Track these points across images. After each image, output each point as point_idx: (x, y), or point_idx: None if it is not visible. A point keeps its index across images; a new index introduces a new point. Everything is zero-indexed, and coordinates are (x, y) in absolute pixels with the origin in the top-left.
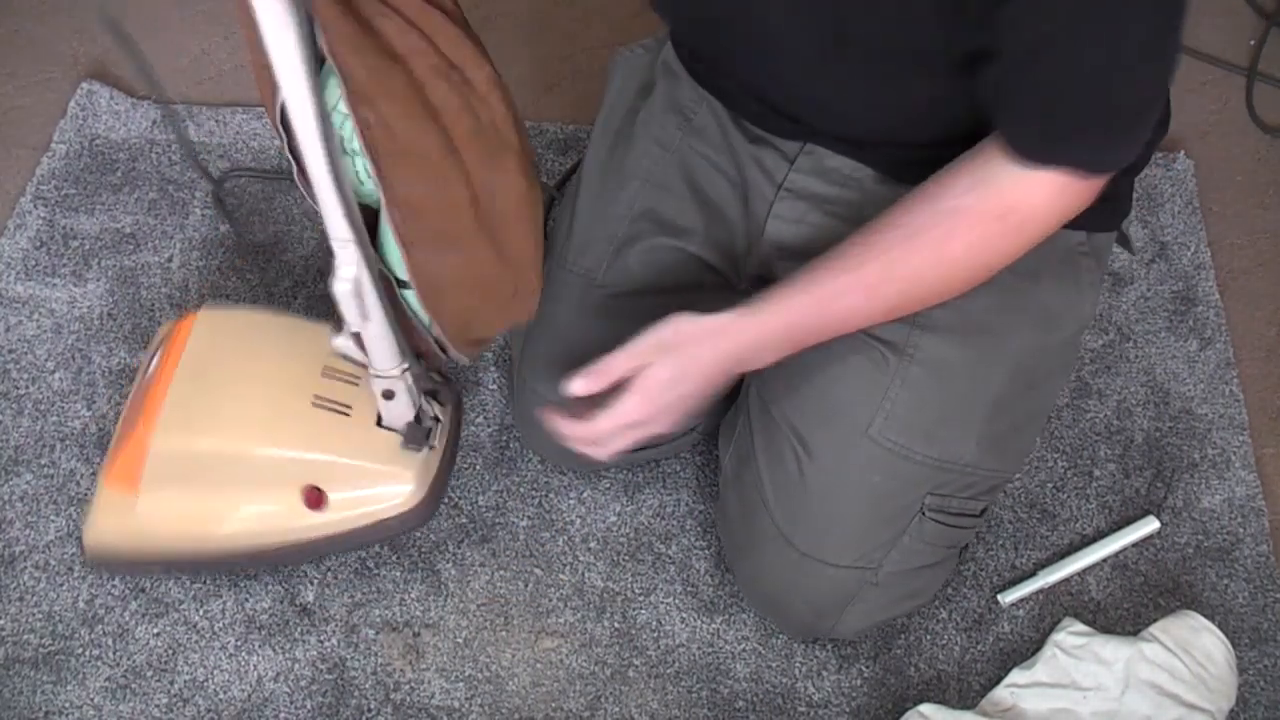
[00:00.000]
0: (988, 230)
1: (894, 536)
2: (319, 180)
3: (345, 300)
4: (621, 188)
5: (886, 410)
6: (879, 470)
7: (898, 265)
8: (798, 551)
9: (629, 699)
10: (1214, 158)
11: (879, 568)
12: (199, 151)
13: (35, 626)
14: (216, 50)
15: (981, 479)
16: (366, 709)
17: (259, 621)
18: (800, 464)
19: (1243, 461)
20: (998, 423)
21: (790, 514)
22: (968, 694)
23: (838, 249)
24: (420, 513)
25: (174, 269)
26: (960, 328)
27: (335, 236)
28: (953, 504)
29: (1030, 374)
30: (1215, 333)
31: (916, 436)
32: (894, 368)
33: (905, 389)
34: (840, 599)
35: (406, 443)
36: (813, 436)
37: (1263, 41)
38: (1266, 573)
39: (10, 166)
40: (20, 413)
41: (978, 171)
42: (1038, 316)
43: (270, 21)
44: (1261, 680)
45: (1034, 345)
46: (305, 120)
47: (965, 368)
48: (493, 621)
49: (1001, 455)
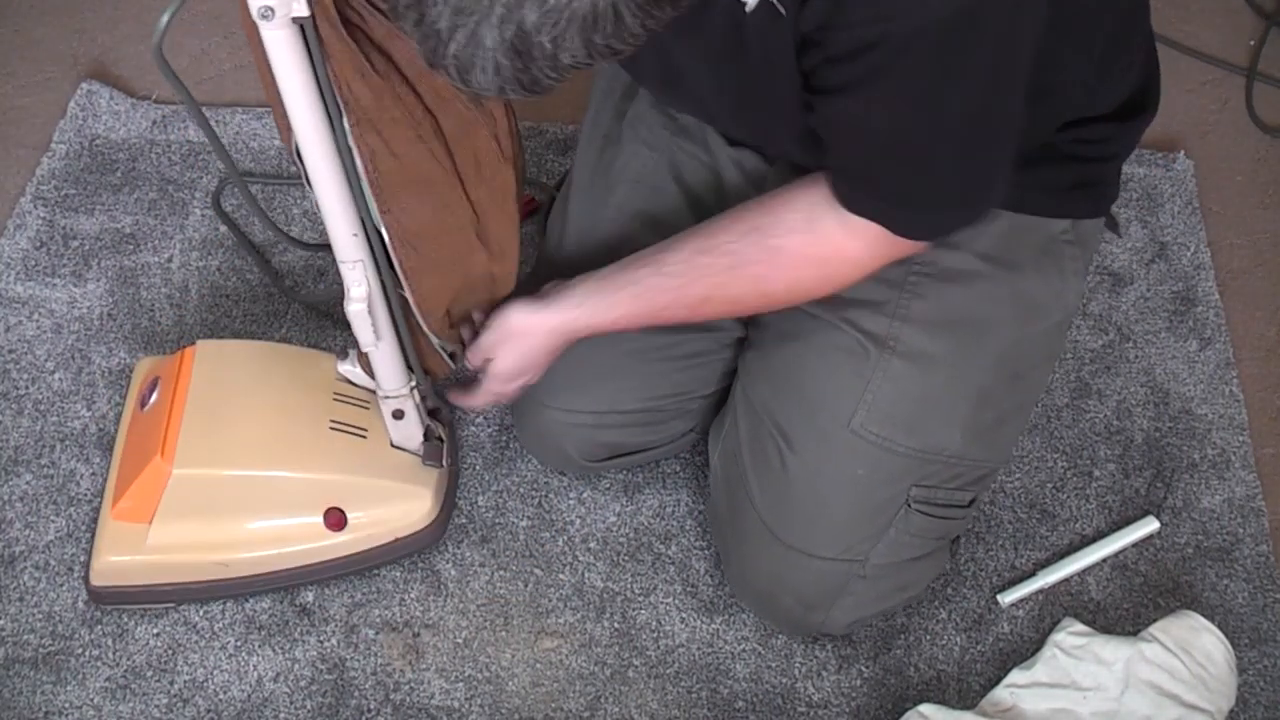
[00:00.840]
0: (805, 273)
1: (880, 529)
2: (327, 205)
3: (359, 320)
4: (611, 191)
5: (868, 403)
6: (862, 463)
7: (720, 290)
8: (783, 545)
9: (629, 699)
10: (1214, 158)
11: (866, 560)
12: (198, 152)
13: (35, 626)
14: (216, 50)
15: (967, 470)
16: (366, 709)
17: (259, 622)
18: (783, 457)
19: (1243, 461)
20: (983, 414)
21: (774, 508)
22: (967, 694)
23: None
24: (436, 529)
25: (174, 269)
26: (942, 320)
27: (344, 259)
28: (939, 495)
29: (1015, 364)
30: (1215, 333)
31: (899, 429)
32: (875, 360)
33: (887, 381)
34: (828, 592)
35: (426, 460)
36: (795, 430)
37: (1263, 41)
38: (1266, 573)
39: (10, 166)
40: (20, 413)
41: (808, 210)
42: (1020, 307)
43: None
44: (1261, 680)
45: (1018, 335)
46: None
47: (947, 359)
48: (493, 621)
49: (988, 446)
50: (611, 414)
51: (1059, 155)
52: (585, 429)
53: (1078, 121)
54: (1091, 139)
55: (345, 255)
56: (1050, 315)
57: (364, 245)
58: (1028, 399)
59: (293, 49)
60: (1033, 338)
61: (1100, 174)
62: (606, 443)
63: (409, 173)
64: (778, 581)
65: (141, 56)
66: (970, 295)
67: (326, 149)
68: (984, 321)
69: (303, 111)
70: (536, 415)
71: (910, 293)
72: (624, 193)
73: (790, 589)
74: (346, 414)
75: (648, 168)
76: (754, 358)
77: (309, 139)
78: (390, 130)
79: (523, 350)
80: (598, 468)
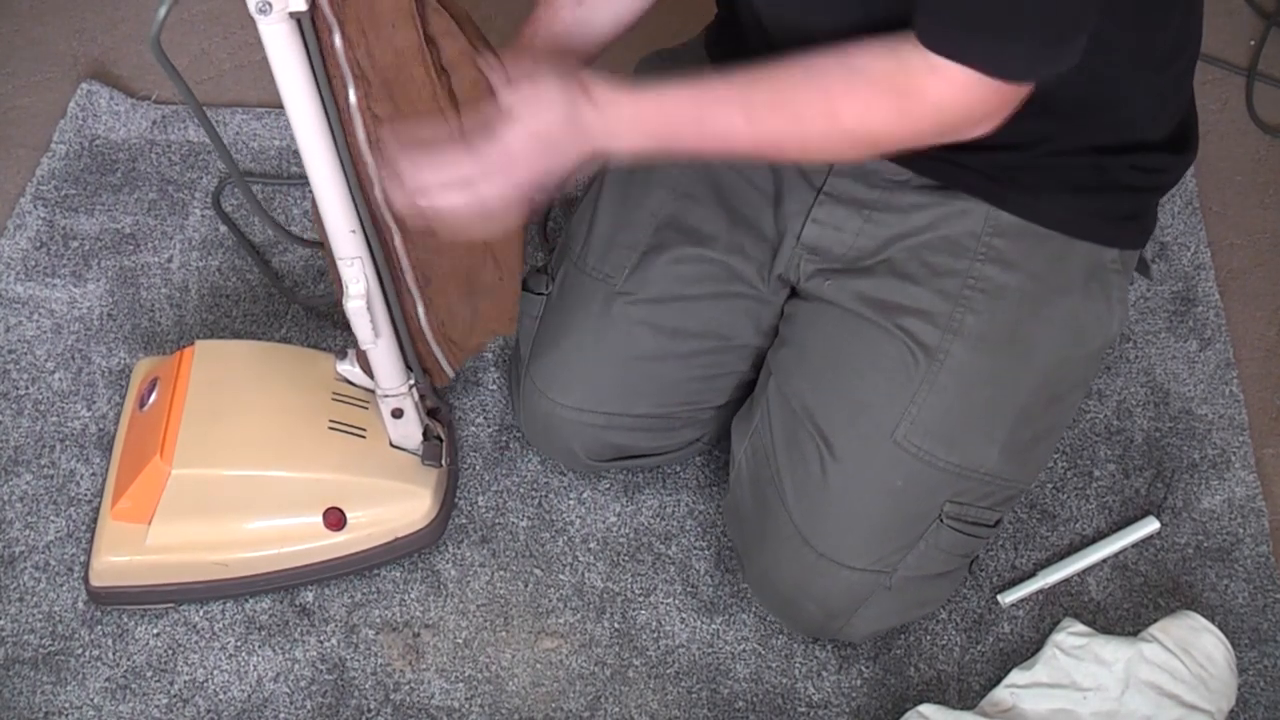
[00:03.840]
0: (884, 101)
1: (911, 541)
2: (325, 201)
3: (357, 317)
4: (647, 195)
5: (913, 415)
6: (901, 474)
7: (787, 97)
8: (815, 552)
9: (629, 699)
10: (1214, 158)
11: (894, 572)
12: (198, 152)
13: (35, 626)
14: (216, 50)
15: (999, 489)
16: (366, 709)
17: (259, 622)
18: (824, 463)
19: (1243, 462)
20: (1021, 433)
21: (810, 514)
22: (968, 694)
23: (744, 67)
24: (435, 529)
25: (174, 269)
26: (992, 336)
27: (342, 255)
28: (970, 513)
29: (1055, 386)
30: (1215, 333)
31: (940, 443)
32: (924, 371)
33: (933, 394)
34: (853, 601)
35: (425, 459)
36: (838, 436)
37: (1263, 41)
38: (1266, 573)
39: (10, 166)
40: (20, 413)
41: (895, 45)
42: (1068, 329)
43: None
44: (1261, 680)
45: (1061, 357)
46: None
47: (993, 376)
48: (493, 621)
49: (1021, 466)
50: (623, 416)
51: (1118, 185)
52: (595, 429)
53: (1138, 147)
54: (1148, 167)
55: (343, 252)
56: (1094, 340)
57: (362, 242)
58: (1061, 421)
59: (291, 44)
60: (1075, 361)
61: (1148, 205)
62: (614, 444)
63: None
64: (803, 588)
65: (141, 56)
66: (1021, 314)
67: (325, 143)
68: (1032, 341)
69: (301, 106)
70: (547, 411)
71: (964, 307)
72: (659, 198)
73: (815, 596)
74: (345, 414)
75: (685, 175)
76: (790, 354)
77: (307, 134)
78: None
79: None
80: (602, 468)
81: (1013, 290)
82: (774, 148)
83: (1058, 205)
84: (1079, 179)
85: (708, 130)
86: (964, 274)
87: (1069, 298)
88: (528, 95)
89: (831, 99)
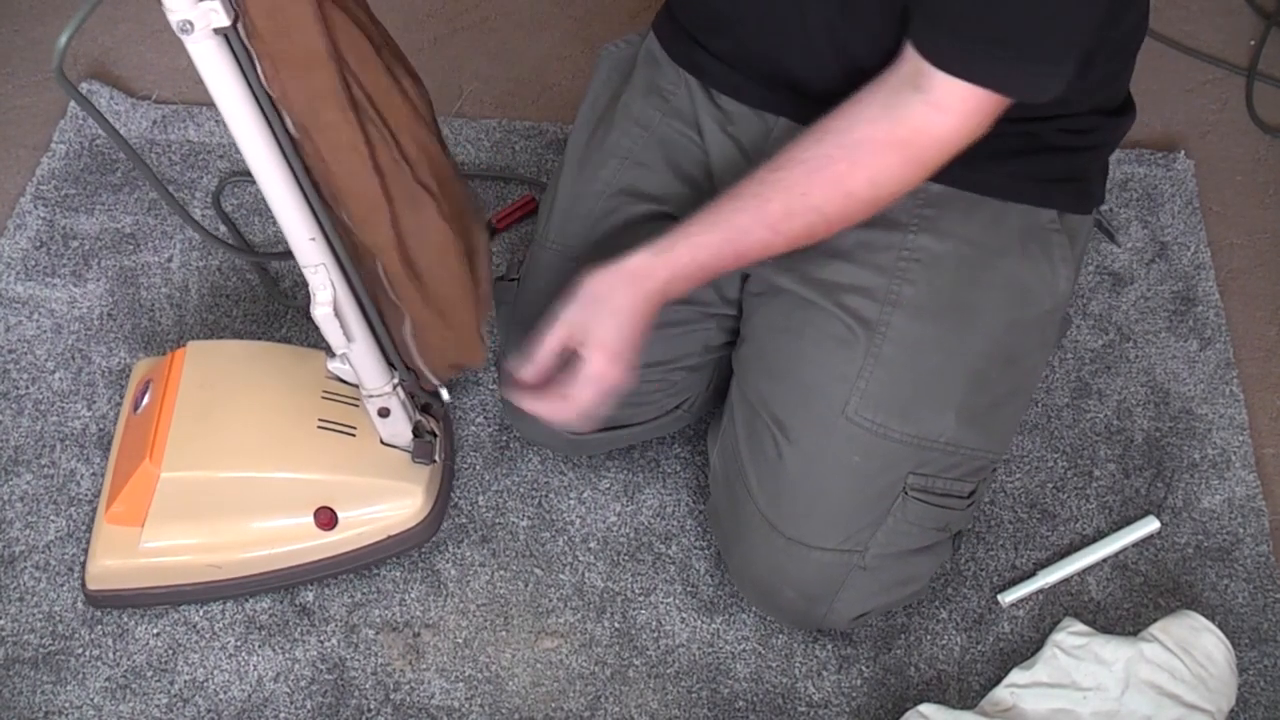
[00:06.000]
0: (890, 160)
1: (878, 518)
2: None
3: (326, 324)
4: (601, 166)
5: (861, 389)
6: (858, 450)
7: (800, 200)
8: (783, 536)
9: (629, 699)
10: (1214, 158)
11: (866, 550)
12: (199, 152)
13: (35, 626)
14: None
15: (965, 459)
16: (366, 709)
17: (259, 622)
18: (779, 448)
19: (1243, 461)
20: (977, 399)
21: (773, 498)
22: (968, 694)
23: (745, 182)
24: (428, 526)
25: (174, 269)
26: (931, 304)
27: (305, 264)
28: (937, 484)
29: (1008, 349)
30: (1215, 333)
31: (893, 414)
32: (866, 346)
33: (879, 367)
34: (829, 584)
35: (416, 456)
36: (790, 420)
37: (1263, 41)
38: (1266, 573)
39: (10, 166)
40: (20, 413)
41: (883, 98)
42: (1011, 291)
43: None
44: (1261, 680)
45: (1008, 320)
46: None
47: (938, 343)
48: (493, 621)
49: (983, 432)
50: None
51: (1049, 147)
52: None
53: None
54: (1077, 129)
55: (305, 259)
56: (1041, 302)
57: (325, 249)
58: (1022, 385)
59: (221, 59)
60: (1025, 323)
61: (1084, 169)
62: None
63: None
64: (778, 574)
65: (142, 56)
66: (959, 279)
67: (270, 154)
68: (974, 305)
69: (240, 120)
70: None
71: (900, 278)
72: (613, 168)
73: (791, 581)
74: (335, 412)
75: (637, 145)
76: (749, 353)
77: (251, 147)
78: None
79: (615, 312)
80: (585, 442)
81: (949, 258)
82: (808, 239)
83: (988, 172)
84: (1009, 145)
85: (744, 255)
86: (898, 247)
87: (1007, 260)
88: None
89: (842, 182)
